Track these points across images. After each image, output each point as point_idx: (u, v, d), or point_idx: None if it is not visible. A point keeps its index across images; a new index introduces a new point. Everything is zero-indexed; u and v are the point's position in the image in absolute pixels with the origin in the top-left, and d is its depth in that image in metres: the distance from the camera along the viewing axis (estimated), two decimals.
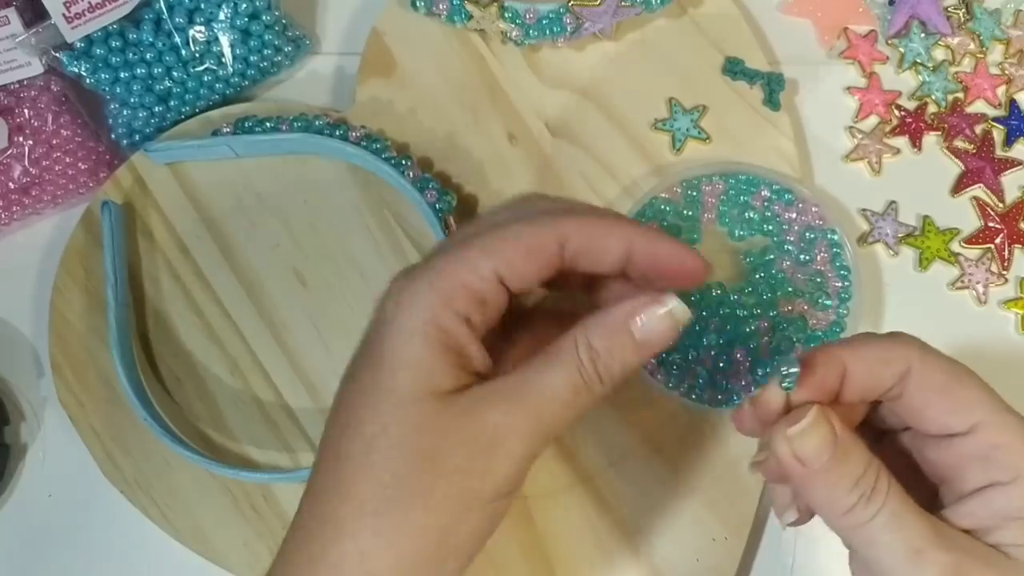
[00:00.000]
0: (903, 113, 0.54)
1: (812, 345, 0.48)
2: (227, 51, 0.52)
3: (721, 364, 0.48)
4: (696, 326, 0.48)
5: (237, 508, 0.49)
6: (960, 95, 0.54)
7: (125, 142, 0.54)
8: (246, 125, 0.52)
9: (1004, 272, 0.51)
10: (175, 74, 0.52)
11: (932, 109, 0.54)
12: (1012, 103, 0.54)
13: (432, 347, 0.32)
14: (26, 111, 0.52)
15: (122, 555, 0.50)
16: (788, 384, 0.33)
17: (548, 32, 0.52)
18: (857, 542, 0.33)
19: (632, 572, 0.47)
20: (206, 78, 0.53)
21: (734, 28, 0.54)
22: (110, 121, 0.54)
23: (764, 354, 0.48)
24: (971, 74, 0.54)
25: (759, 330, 0.48)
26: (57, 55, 0.51)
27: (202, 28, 0.52)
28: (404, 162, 0.51)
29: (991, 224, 0.52)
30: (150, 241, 0.52)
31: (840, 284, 0.49)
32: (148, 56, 0.52)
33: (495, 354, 0.35)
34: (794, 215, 0.50)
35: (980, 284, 0.51)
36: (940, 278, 0.52)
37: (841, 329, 0.48)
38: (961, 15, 0.55)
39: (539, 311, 0.38)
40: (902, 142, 0.53)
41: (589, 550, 0.48)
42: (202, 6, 0.52)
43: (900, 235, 0.52)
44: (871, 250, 0.52)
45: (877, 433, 0.37)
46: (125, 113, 0.53)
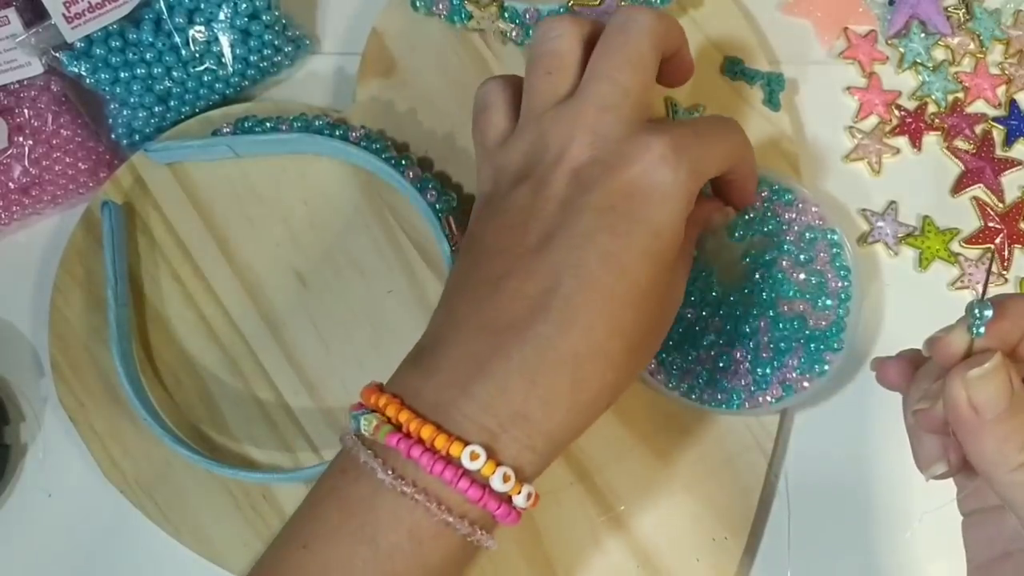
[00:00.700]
0: (903, 113, 0.54)
1: (812, 345, 0.48)
2: (227, 51, 0.52)
3: (721, 364, 0.48)
4: (696, 326, 0.48)
5: (237, 508, 0.49)
6: (960, 95, 0.54)
7: (125, 142, 0.54)
8: (246, 125, 0.52)
9: (1004, 272, 0.51)
10: (175, 74, 0.52)
11: (932, 109, 0.54)
12: (1012, 103, 0.54)
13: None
14: (26, 111, 0.52)
15: (122, 555, 0.50)
16: (978, 328, 0.32)
17: None
18: (1019, 498, 0.32)
19: (632, 572, 0.47)
20: (206, 78, 0.53)
21: (734, 28, 0.54)
22: (110, 121, 0.54)
23: (764, 354, 0.48)
24: (971, 74, 0.54)
25: (759, 330, 0.48)
26: (57, 55, 0.51)
27: (202, 28, 0.52)
28: (404, 162, 0.51)
29: (991, 224, 0.52)
30: (150, 241, 0.52)
31: (840, 284, 0.49)
32: (148, 56, 0.52)
33: None
34: (794, 215, 0.50)
35: (980, 284, 0.51)
36: (940, 278, 0.52)
37: (841, 329, 0.48)
38: (961, 15, 0.55)
39: None
40: (902, 142, 0.53)
41: (588, 549, 0.48)
42: (202, 6, 0.52)
43: (900, 235, 0.52)
44: (871, 250, 0.52)
45: None
46: (125, 113, 0.53)
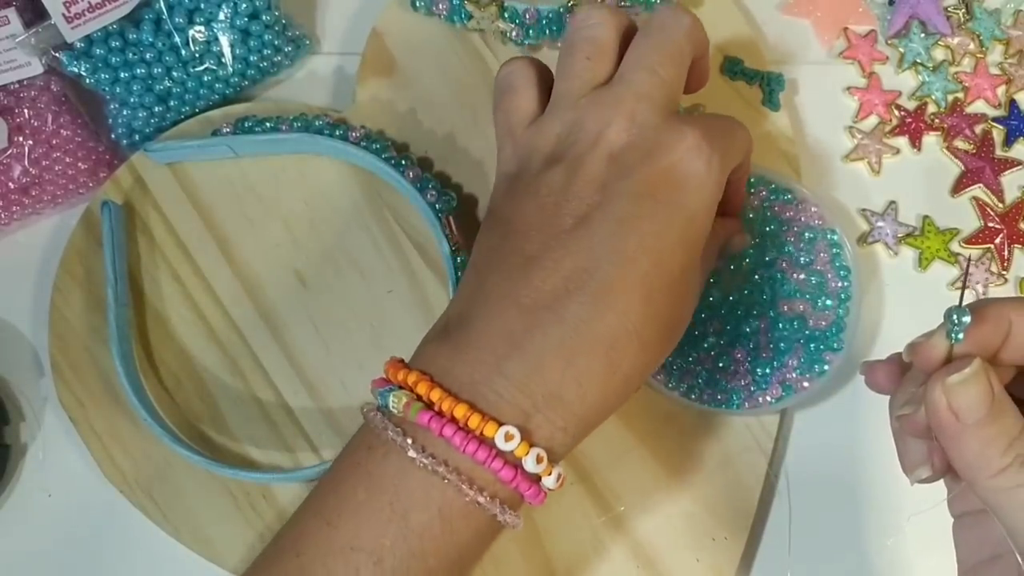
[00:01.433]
0: (903, 113, 0.54)
1: (812, 345, 0.48)
2: (227, 51, 0.52)
3: (721, 364, 0.48)
4: (696, 326, 0.48)
5: (237, 508, 0.49)
6: (960, 95, 0.54)
7: (125, 142, 0.54)
8: (246, 125, 0.52)
9: (1004, 272, 0.51)
10: (175, 74, 0.52)
11: (932, 109, 0.54)
12: (1012, 103, 0.54)
13: None
14: (26, 111, 0.52)
15: (122, 555, 0.50)
16: (957, 334, 0.32)
17: (548, 32, 0.52)
18: (1004, 506, 0.32)
19: (632, 572, 0.47)
20: (206, 78, 0.53)
21: (734, 28, 0.54)
22: (110, 121, 0.54)
23: (764, 354, 0.48)
24: (971, 74, 0.54)
25: (759, 330, 0.48)
26: (57, 55, 0.51)
27: (202, 28, 0.52)
28: (404, 162, 0.51)
29: (991, 224, 0.52)
30: (150, 241, 0.52)
31: (840, 284, 0.49)
32: (148, 56, 0.52)
33: None
34: (794, 215, 0.50)
35: (980, 284, 0.51)
36: (940, 278, 0.52)
37: (841, 329, 0.48)
38: (961, 15, 0.55)
39: None
40: (902, 142, 0.53)
41: (588, 549, 0.48)
42: (202, 6, 0.52)
43: (900, 235, 0.52)
44: (871, 250, 0.52)
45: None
46: (125, 113, 0.53)
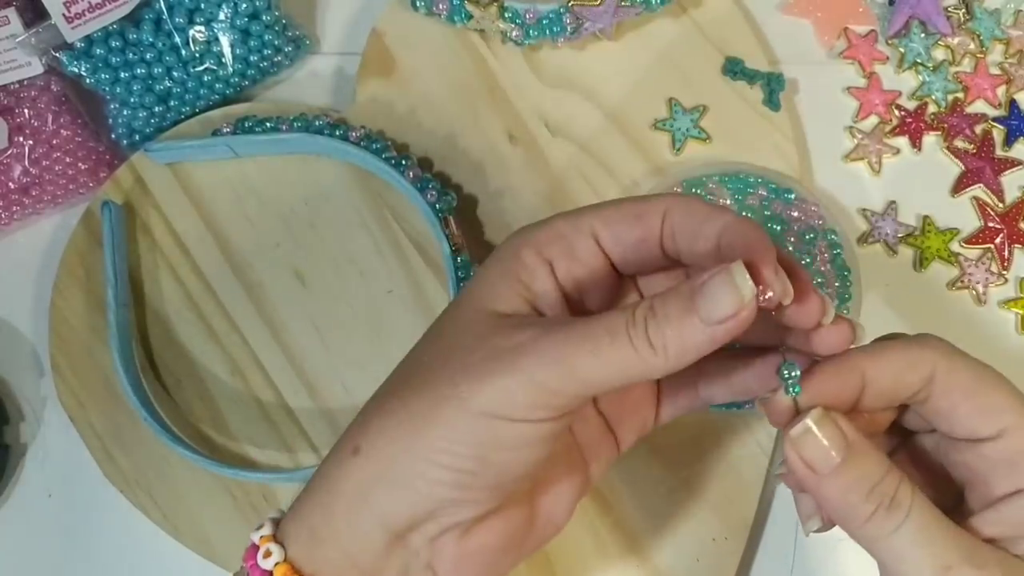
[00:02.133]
0: (903, 113, 0.54)
1: None
2: (227, 51, 0.52)
3: None
4: None
5: (237, 508, 0.49)
6: (960, 95, 0.54)
7: (125, 142, 0.54)
8: (246, 125, 0.52)
9: (1004, 272, 0.51)
10: (175, 74, 0.52)
11: (932, 109, 0.54)
12: (1012, 103, 0.54)
13: (503, 273, 0.34)
14: (26, 111, 0.52)
15: (122, 555, 0.50)
16: (791, 387, 0.32)
17: (548, 32, 0.52)
18: (881, 555, 0.32)
19: (632, 572, 0.47)
20: (206, 78, 0.53)
21: (734, 28, 0.54)
22: (110, 121, 0.54)
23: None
24: (971, 74, 0.54)
25: None
26: (57, 55, 0.51)
27: (202, 28, 0.52)
28: (404, 162, 0.51)
29: (991, 224, 0.52)
30: (150, 241, 0.52)
31: (840, 284, 0.49)
32: (148, 56, 0.52)
33: None
34: (794, 215, 0.50)
35: (980, 284, 0.51)
36: (940, 278, 0.52)
37: None
38: (961, 15, 0.55)
39: None
40: (902, 142, 0.53)
41: (589, 550, 0.48)
42: (202, 6, 0.52)
43: (900, 235, 0.52)
44: (871, 250, 0.52)
45: (903, 434, 0.36)
46: (125, 113, 0.53)
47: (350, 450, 0.33)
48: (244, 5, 0.52)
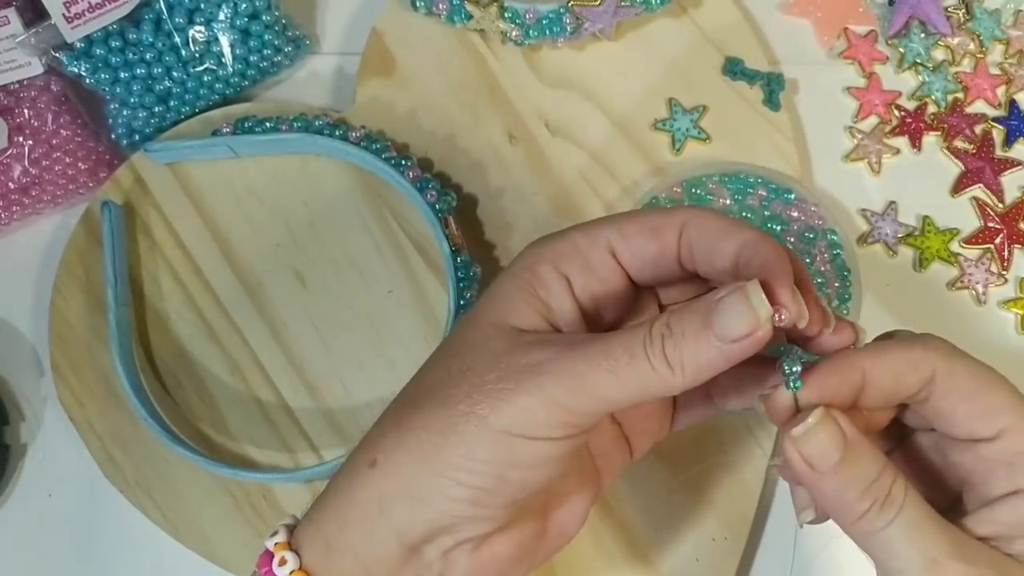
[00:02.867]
0: (903, 113, 0.54)
1: None
2: (227, 51, 0.52)
3: None
4: None
5: (237, 508, 0.49)
6: (960, 95, 0.54)
7: (125, 142, 0.54)
8: (246, 125, 0.52)
9: (1004, 272, 0.51)
10: (175, 74, 0.52)
11: (932, 109, 0.54)
12: (1012, 103, 0.54)
13: (520, 287, 0.34)
14: (26, 111, 0.52)
15: (122, 555, 0.50)
16: (793, 384, 0.33)
17: (548, 32, 0.52)
18: (872, 550, 0.32)
19: (632, 572, 0.47)
20: (206, 78, 0.53)
21: (734, 28, 0.54)
22: (110, 121, 0.54)
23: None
24: (971, 74, 0.54)
25: None
26: (57, 55, 0.51)
27: (202, 28, 0.52)
28: (404, 162, 0.51)
29: (991, 224, 0.52)
30: (150, 241, 0.52)
31: (840, 284, 0.49)
32: (148, 56, 0.52)
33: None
34: (794, 215, 0.50)
35: (980, 284, 0.51)
36: (940, 278, 0.52)
37: None
38: (961, 15, 0.55)
39: None
40: (902, 142, 0.53)
41: (589, 550, 0.48)
42: (202, 6, 0.52)
43: (900, 235, 0.52)
44: (871, 250, 0.52)
45: (902, 432, 0.36)
46: (125, 113, 0.53)
47: (367, 462, 0.33)
48: (244, 5, 0.52)
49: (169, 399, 0.51)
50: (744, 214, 0.50)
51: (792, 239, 0.49)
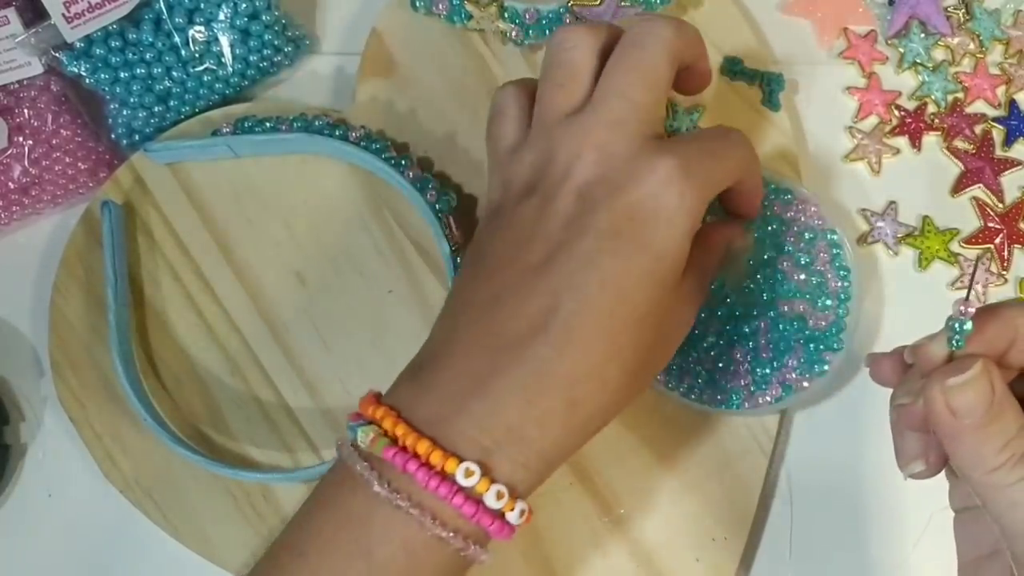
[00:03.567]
0: (903, 113, 0.54)
1: (811, 345, 0.48)
2: (227, 51, 0.52)
3: (721, 364, 0.48)
4: (696, 326, 0.48)
5: (237, 508, 0.49)
6: (960, 95, 0.54)
7: (125, 142, 0.54)
8: (246, 125, 0.52)
9: (1004, 272, 0.51)
10: (175, 74, 0.52)
11: (932, 109, 0.54)
12: (1012, 103, 0.54)
13: None
14: (26, 111, 0.52)
15: (122, 555, 0.50)
16: (958, 342, 0.32)
17: (548, 32, 0.52)
18: (996, 503, 0.32)
19: (631, 572, 0.47)
20: (206, 78, 0.53)
21: (734, 28, 0.54)
22: (110, 121, 0.54)
23: (764, 354, 0.48)
24: (971, 74, 0.54)
25: (759, 330, 0.48)
26: (57, 55, 0.51)
27: (202, 28, 0.52)
28: (404, 162, 0.51)
29: (991, 224, 0.52)
30: (150, 241, 0.52)
31: (840, 284, 0.49)
32: (148, 56, 0.52)
33: None
34: (794, 215, 0.50)
35: (980, 284, 0.51)
36: (940, 278, 0.52)
37: (841, 329, 0.48)
38: (961, 15, 0.55)
39: None
40: (902, 142, 0.53)
41: (588, 550, 0.48)
42: (202, 6, 0.52)
43: (900, 235, 0.52)
44: (871, 250, 0.52)
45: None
46: (125, 113, 0.53)
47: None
48: (244, 5, 0.52)
49: (169, 399, 0.51)
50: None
51: (792, 239, 0.49)
